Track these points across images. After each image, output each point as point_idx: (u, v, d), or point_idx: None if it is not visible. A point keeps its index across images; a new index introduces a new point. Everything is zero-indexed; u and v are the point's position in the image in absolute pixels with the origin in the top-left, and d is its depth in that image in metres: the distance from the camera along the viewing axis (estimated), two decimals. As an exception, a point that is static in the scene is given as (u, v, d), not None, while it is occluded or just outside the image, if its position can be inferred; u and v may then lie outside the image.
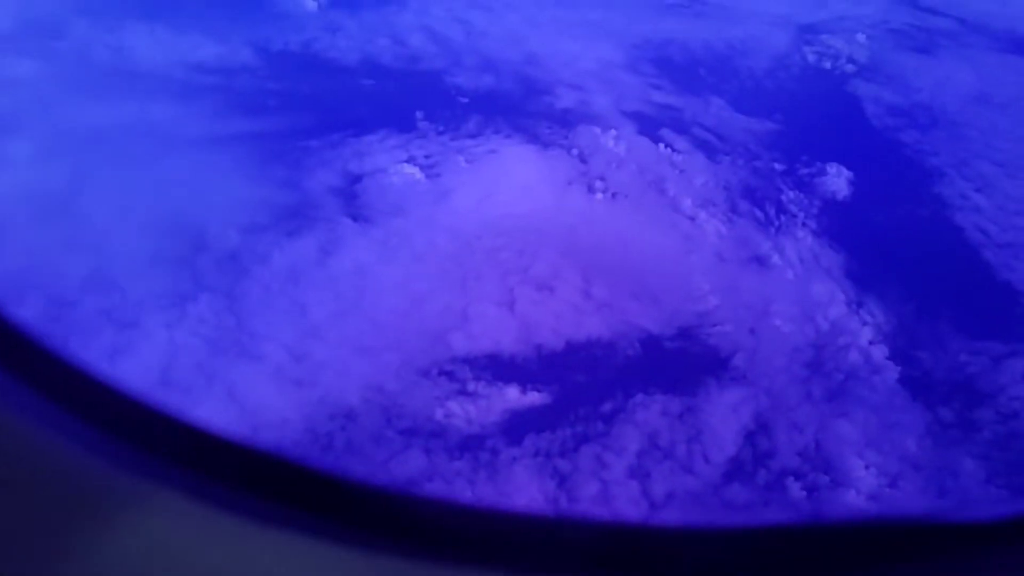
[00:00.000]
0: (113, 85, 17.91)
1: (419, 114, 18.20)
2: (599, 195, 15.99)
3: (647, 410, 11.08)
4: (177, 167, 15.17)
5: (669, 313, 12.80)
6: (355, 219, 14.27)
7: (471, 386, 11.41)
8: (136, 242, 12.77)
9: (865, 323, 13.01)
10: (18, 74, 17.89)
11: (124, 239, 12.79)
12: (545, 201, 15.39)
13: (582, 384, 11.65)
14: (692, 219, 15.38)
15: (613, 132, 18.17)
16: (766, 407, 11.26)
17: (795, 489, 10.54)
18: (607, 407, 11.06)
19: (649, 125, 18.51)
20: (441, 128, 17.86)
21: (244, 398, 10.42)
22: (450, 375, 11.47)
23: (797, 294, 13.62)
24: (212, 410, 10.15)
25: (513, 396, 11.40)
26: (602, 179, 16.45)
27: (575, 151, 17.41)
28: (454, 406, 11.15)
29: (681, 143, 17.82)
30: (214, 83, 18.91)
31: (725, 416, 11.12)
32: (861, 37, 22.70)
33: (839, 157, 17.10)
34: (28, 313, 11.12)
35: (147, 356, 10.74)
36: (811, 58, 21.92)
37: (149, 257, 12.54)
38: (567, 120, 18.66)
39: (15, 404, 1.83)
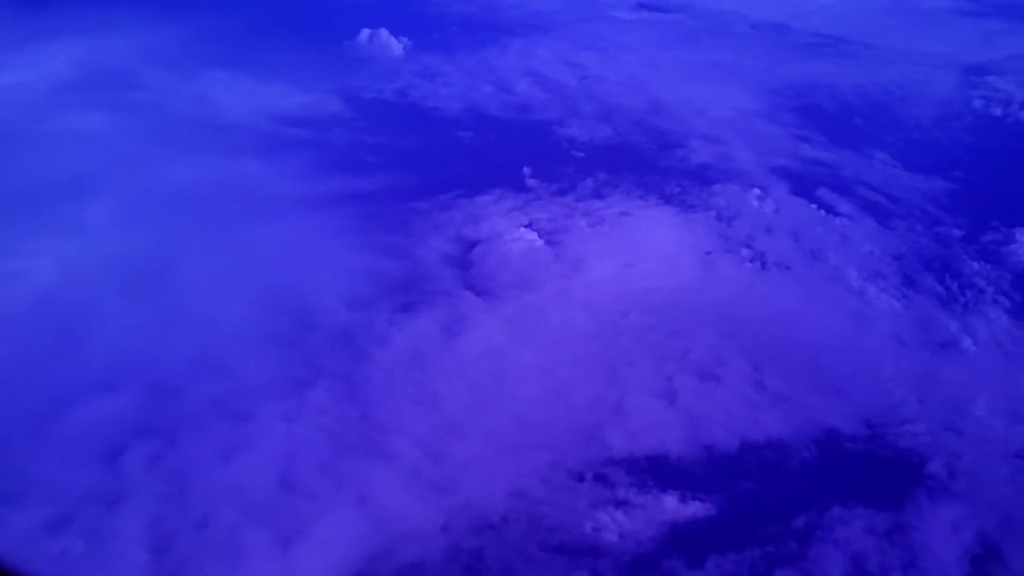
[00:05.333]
0: (196, 139, 18.34)
1: (527, 171, 18.26)
2: (747, 264, 15.71)
3: (847, 527, 10.49)
4: (273, 230, 15.31)
5: (856, 408, 12.28)
6: (478, 293, 14.19)
7: (624, 493, 11.05)
8: (239, 317, 12.82)
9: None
10: (91, 128, 18.48)
11: (226, 314, 12.87)
12: (692, 272, 15.18)
13: (761, 492, 11.14)
14: (860, 295, 14.97)
15: (756, 191, 18.01)
16: (993, 526, 10.59)
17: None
18: (799, 522, 10.52)
19: (802, 183, 18.33)
20: (558, 187, 17.88)
21: (378, 505, 10.18)
22: (604, 479, 11.14)
23: (1003, 385, 13.00)
24: (342, 519, 9.95)
25: (672, 505, 10.97)
26: (749, 246, 16.19)
27: (713, 213, 17.21)
28: (605, 517, 10.78)
29: (844, 205, 17.56)
30: (304, 137, 19.39)
31: (944, 536, 10.49)
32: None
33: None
34: (129, 403, 11.17)
35: (266, 454, 10.63)
36: (977, 103, 21.57)
37: (255, 335, 12.55)
38: (705, 177, 18.60)
39: None
